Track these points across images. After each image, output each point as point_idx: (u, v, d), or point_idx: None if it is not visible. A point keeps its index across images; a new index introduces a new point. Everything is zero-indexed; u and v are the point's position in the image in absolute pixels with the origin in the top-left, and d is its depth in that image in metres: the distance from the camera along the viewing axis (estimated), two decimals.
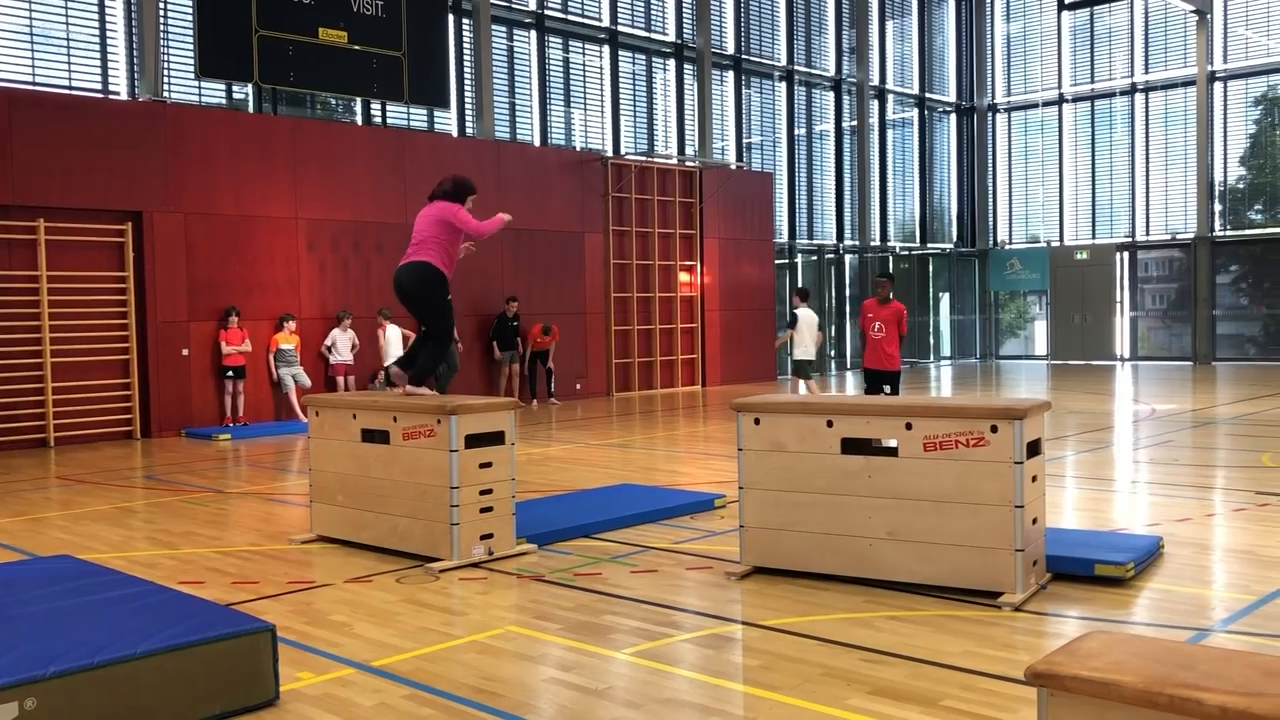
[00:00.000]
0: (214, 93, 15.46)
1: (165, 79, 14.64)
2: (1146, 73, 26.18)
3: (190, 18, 14.54)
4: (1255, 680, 2.76)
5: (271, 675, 4.28)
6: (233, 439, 13.50)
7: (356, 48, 15.76)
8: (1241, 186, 25.36)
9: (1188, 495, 8.55)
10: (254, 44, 14.77)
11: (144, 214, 13.86)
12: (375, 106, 17.01)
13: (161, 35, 14.57)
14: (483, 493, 6.56)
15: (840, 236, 25.23)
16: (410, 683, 4.51)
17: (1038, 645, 4.76)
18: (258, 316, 14.72)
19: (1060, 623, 5.19)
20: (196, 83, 14.95)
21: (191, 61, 14.64)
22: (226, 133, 14.65)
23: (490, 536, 6.61)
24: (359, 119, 17.15)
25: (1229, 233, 25.27)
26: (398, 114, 17.22)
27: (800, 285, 15.40)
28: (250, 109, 15.90)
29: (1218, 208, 25.35)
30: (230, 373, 14.32)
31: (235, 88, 15.65)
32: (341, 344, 15.27)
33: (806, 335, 13.85)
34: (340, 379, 15.24)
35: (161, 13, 14.57)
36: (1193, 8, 24.34)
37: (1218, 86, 25.12)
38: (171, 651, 3.99)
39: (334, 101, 17.12)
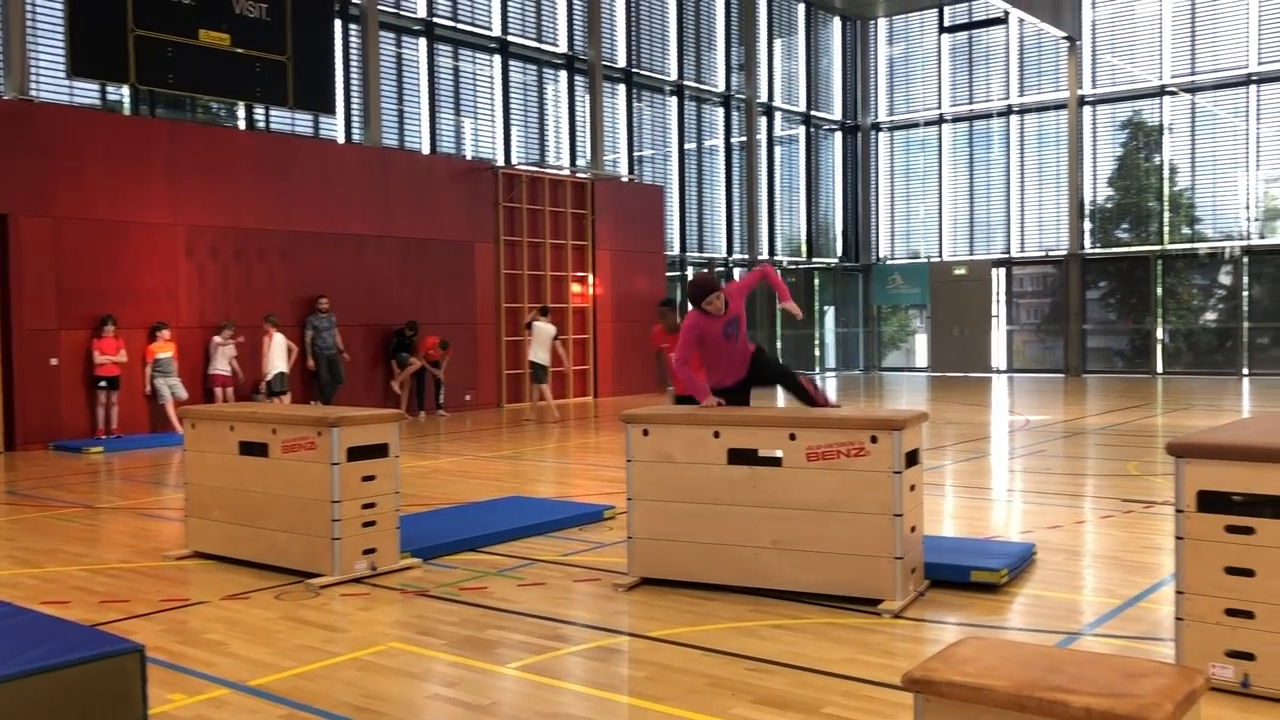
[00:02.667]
0: (88, 93, 14.89)
1: (33, 77, 14.05)
2: (1021, 95, 27.18)
3: (61, 15, 13.98)
4: (1118, 682, 2.87)
5: (139, 698, 4.09)
6: (105, 452, 12.98)
7: (239, 50, 15.36)
8: (1110, 206, 26.49)
9: (1059, 503, 8.86)
10: (130, 44, 14.28)
11: (9, 217, 13.26)
12: (259, 111, 16.61)
13: (29, 32, 13.98)
14: (365, 506, 6.43)
15: (730, 249, 25.55)
16: (288, 702, 4.39)
17: (916, 651, 4.86)
18: (133, 325, 14.20)
19: (938, 629, 5.31)
20: (68, 82, 14.38)
21: (62, 60, 14.08)
22: (101, 135, 14.12)
23: (373, 551, 6.48)
24: (242, 123, 16.72)
25: (1098, 250, 26.37)
26: (282, 119, 16.84)
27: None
28: (127, 111, 15.37)
29: (1087, 226, 26.43)
30: (103, 383, 13.77)
31: (111, 89, 15.11)
32: (221, 355, 14.82)
33: (541, 344, 15.92)
34: (219, 390, 14.79)
35: (29, 8, 13.99)
36: (1063, 34, 25.39)
37: (1087, 110, 26.22)
38: (28, 677, 3.79)
39: (215, 105, 16.66)
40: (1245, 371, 24.24)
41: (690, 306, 6.75)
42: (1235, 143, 24.56)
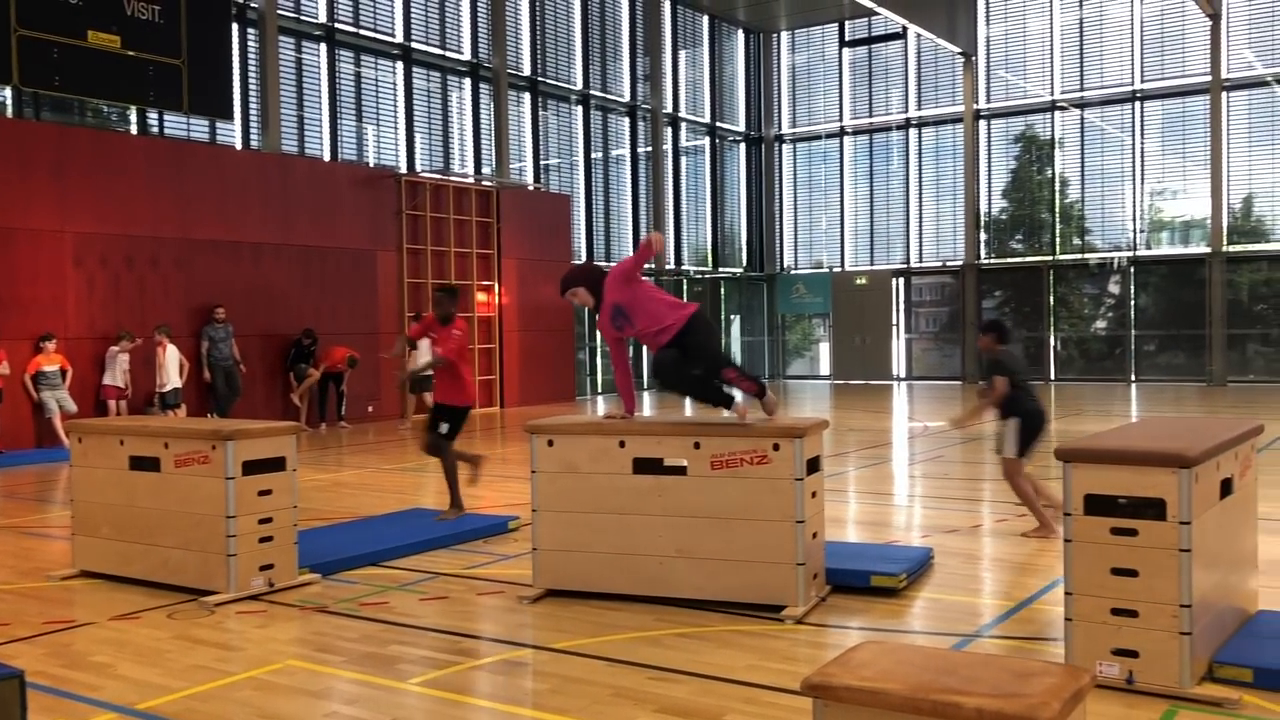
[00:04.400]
0: None
1: None
2: (919, 109, 27.84)
3: None
4: (1009, 682, 2.94)
5: None
6: None
7: (131, 53, 14.90)
8: (1004, 217, 27.26)
9: (956, 508, 9.07)
10: (12, 44, 13.75)
11: None
12: (152, 115, 16.13)
13: None
14: (262, 521, 6.28)
15: None
16: None
17: (817, 656, 4.92)
18: (17, 336, 13.65)
19: (839, 634, 5.39)
20: None
21: None
22: None
23: (270, 567, 6.33)
24: (134, 128, 16.23)
25: (993, 260, 27.12)
26: (177, 124, 16.39)
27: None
28: (9, 113, 14.80)
29: (983, 237, 27.16)
30: None
31: None
32: (117, 366, 14.34)
33: (425, 353, 15.58)
34: (111, 403, 14.31)
35: None
36: (959, 50, 26.10)
37: (982, 124, 26.97)
38: None
39: (106, 108, 16.15)
40: (1133, 378, 25.14)
41: None
42: (1122, 157, 25.50)
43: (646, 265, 6.14)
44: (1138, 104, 25.14)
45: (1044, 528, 7.58)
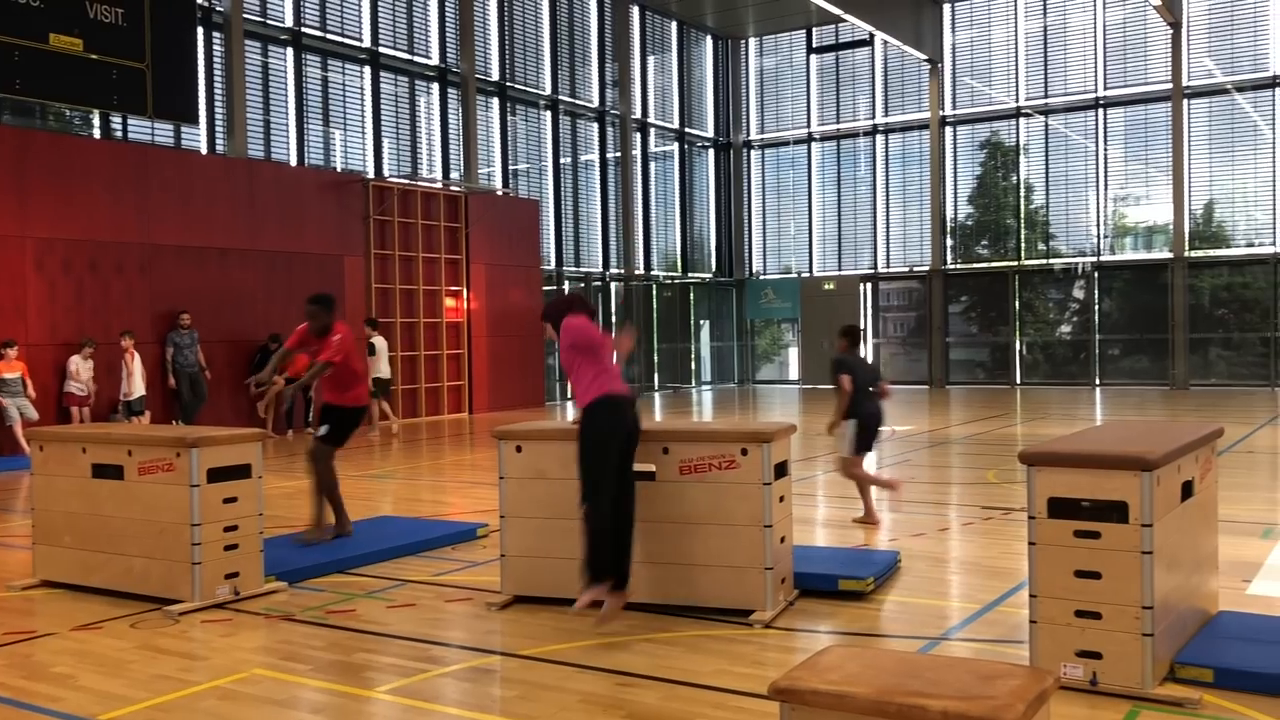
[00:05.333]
0: None
1: None
2: (886, 115, 28.03)
3: None
4: (973, 685, 2.96)
5: None
6: None
7: (94, 56, 14.74)
8: (970, 223, 27.49)
9: (924, 511, 9.13)
10: None
11: None
12: (116, 120, 15.97)
13: None
14: (227, 529, 6.22)
15: (606, 264, 25.64)
16: None
17: (785, 661, 4.93)
18: None
19: (807, 638, 5.41)
20: None
21: None
22: None
23: (236, 575, 6.27)
24: (97, 132, 16.06)
25: (959, 265, 27.34)
26: (141, 128, 16.23)
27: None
28: None
29: (949, 242, 27.38)
30: None
31: None
32: (81, 373, 14.16)
33: (382, 360, 16.21)
34: (74, 410, 14.13)
35: None
36: (925, 57, 26.31)
37: (948, 130, 27.19)
38: None
39: (69, 113, 15.96)
40: (1098, 381, 25.40)
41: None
42: (1086, 163, 25.78)
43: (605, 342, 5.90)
44: (1101, 111, 25.43)
45: (870, 516, 8.36)
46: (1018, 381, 26.35)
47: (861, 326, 27.70)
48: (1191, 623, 4.90)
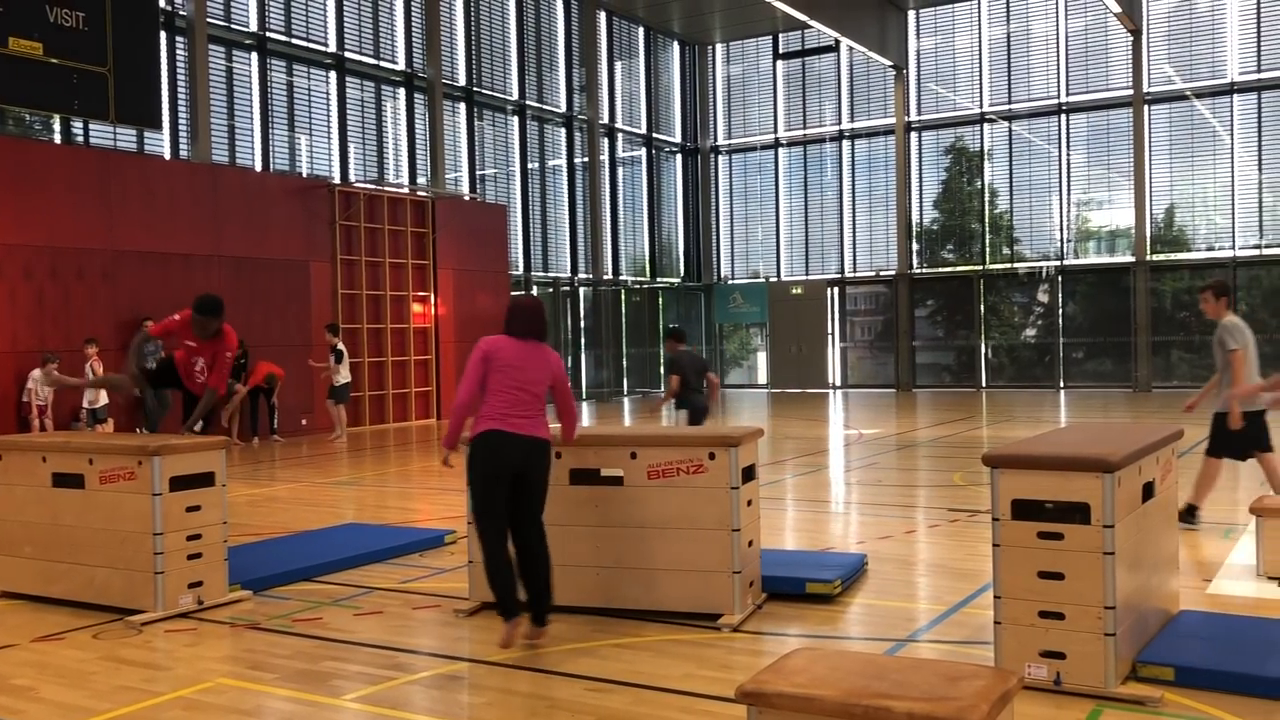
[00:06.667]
0: None
1: None
2: (852, 121, 28.21)
3: None
4: (939, 686, 2.98)
5: None
6: None
7: (54, 60, 14.57)
8: (935, 228, 27.71)
9: (890, 514, 9.18)
10: None
11: None
12: (77, 124, 15.79)
13: None
14: (190, 538, 6.16)
15: (575, 269, 25.62)
16: None
17: (753, 664, 4.94)
18: None
19: (775, 641, 5.42)
20: None
21: None
22: None
23: (199, 584, 6.21)
24: (58, 137, 15.87)
25: (925, 270, 27.54)
26: (103, 133, 16.06)
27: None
28: None
29: (915, 247, 27.58)
30: None
31: None
32: (39, 392, 13.98)
33: (344, 367, 16.70)
34: (34, 420, 13.94)
35: None
36: (890, 63, 26.51)
37: (914, 136, 27.41)
38: None
39: (29, 117, 15.76)
40: (1062, 384, 25.66)
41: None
42: (1049, 168, 26.06)
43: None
44: (1063, 116, 25.72)
45: None
46: (983, 385, 26.57)
47: (830, 331, 27.88)
48: (1153, 622, 4.96)
